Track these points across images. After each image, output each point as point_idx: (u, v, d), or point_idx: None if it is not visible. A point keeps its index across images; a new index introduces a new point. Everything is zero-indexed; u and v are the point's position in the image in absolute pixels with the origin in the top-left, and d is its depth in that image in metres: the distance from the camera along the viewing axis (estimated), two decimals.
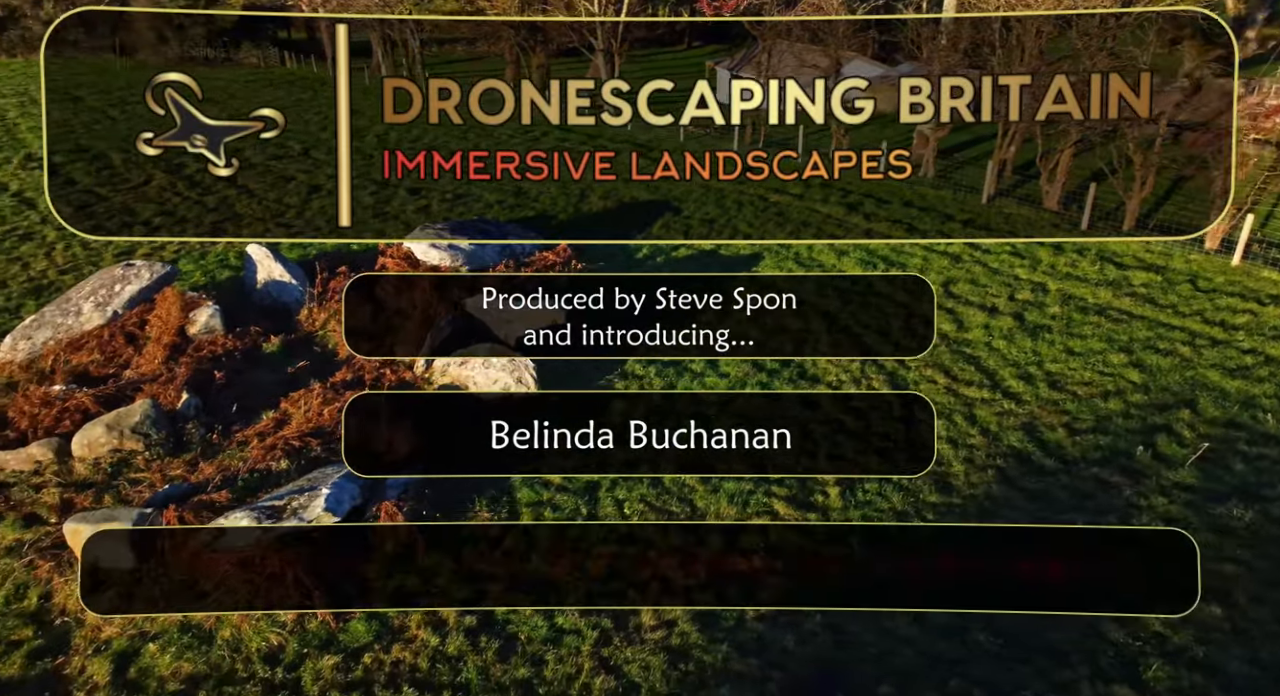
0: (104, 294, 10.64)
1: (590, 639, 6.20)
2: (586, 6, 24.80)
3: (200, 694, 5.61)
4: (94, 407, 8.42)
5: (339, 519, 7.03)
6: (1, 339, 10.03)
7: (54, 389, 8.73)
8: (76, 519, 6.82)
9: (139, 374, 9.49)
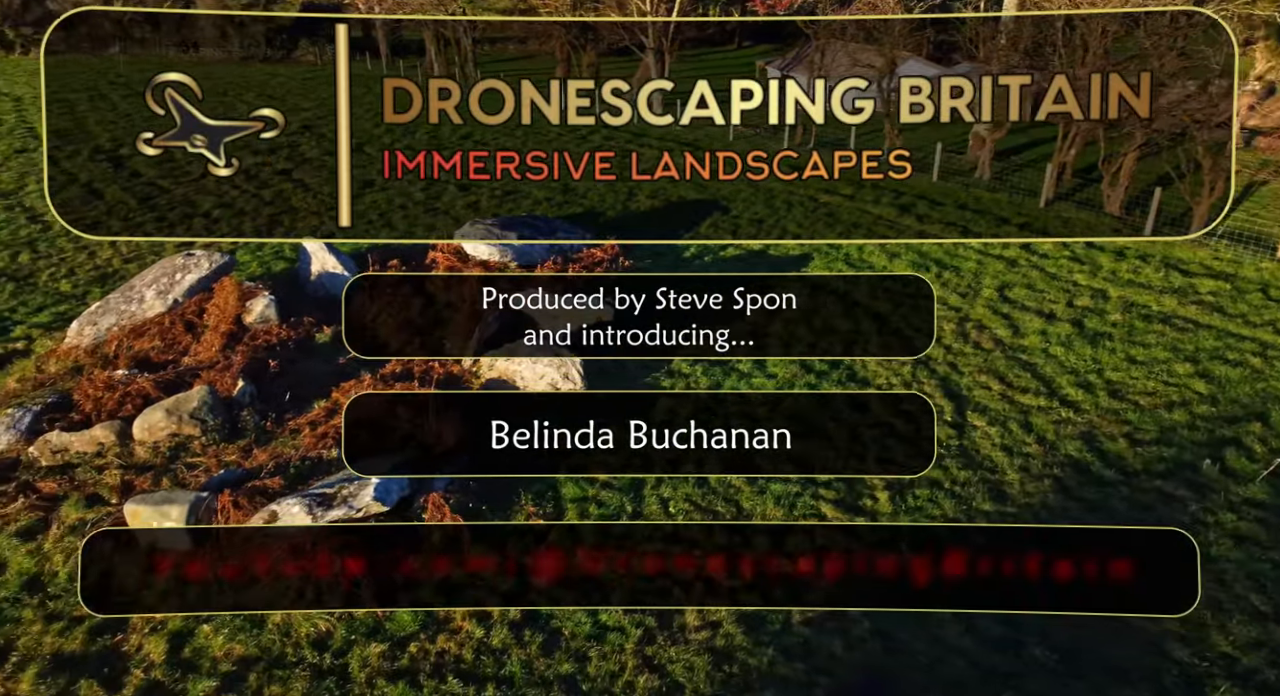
0: (165, 282, 10.91)
1: (634, 637, 6.16)
2: (639, 5, 24.80)
3: (251, 676, 5.70)
4: (154, 393, 8.62)
5: (388, 508, 7.10)
6: (69, 324, 10.35)
7: (117, 373, 8.96)
8: (136, 500, 6.99)
9: (197, 361, 9.70)
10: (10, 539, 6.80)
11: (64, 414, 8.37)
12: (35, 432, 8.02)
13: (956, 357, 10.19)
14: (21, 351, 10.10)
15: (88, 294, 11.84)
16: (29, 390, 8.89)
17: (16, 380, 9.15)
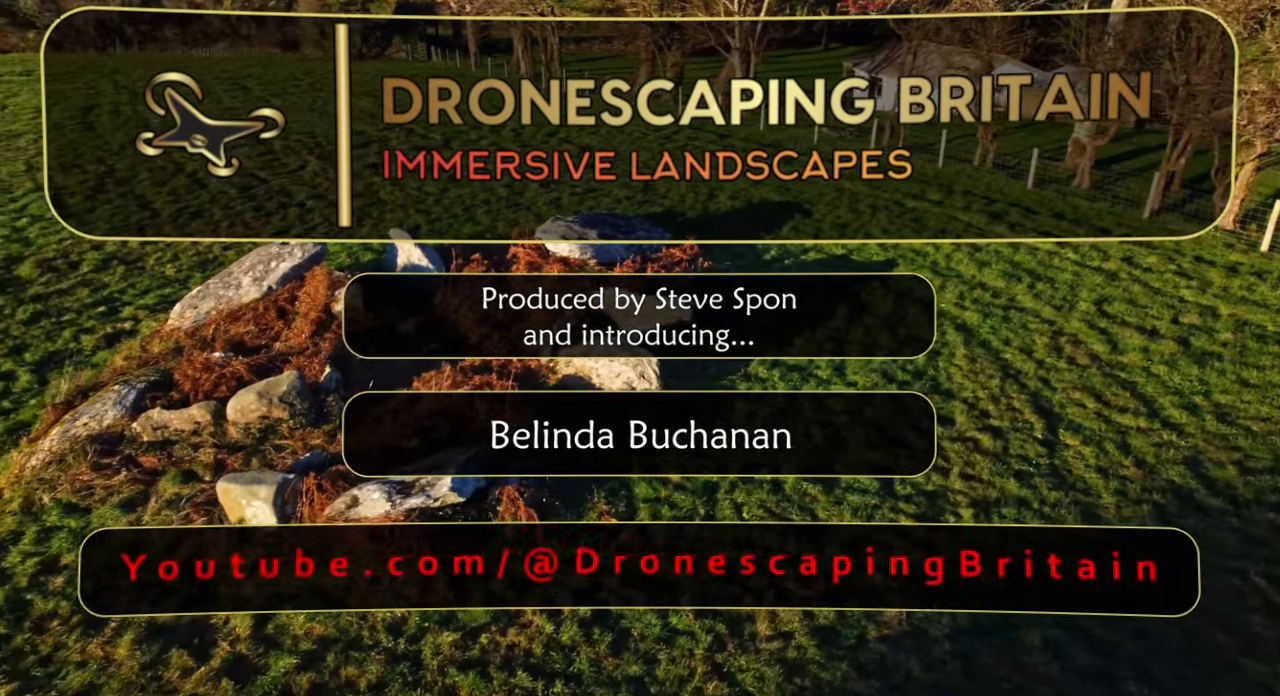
0: (260, 270, 11.32)
1: (704, 642, 6.07)
2: (726, 5, 24.64)
3: (329, 655, 5.84)
4: (247, 376, 8.94)
5: (464, 499, 7.19)
6: (172, 307, 10.85)
7: (214, 356, 9.34)
8: (227, 479, 7.25)
9: (287, 346, 10.03)
10: (113, 509, 7.15)
11: (165, 392, 8.76)
12: (139, 409, 8.42)
13: (1049, 373, 9.75)
14: (129, 331, 10.64)
15: (190, 278, 12.39)
16: (134, 368, 9.34)
17: (123, 358, 9.64)
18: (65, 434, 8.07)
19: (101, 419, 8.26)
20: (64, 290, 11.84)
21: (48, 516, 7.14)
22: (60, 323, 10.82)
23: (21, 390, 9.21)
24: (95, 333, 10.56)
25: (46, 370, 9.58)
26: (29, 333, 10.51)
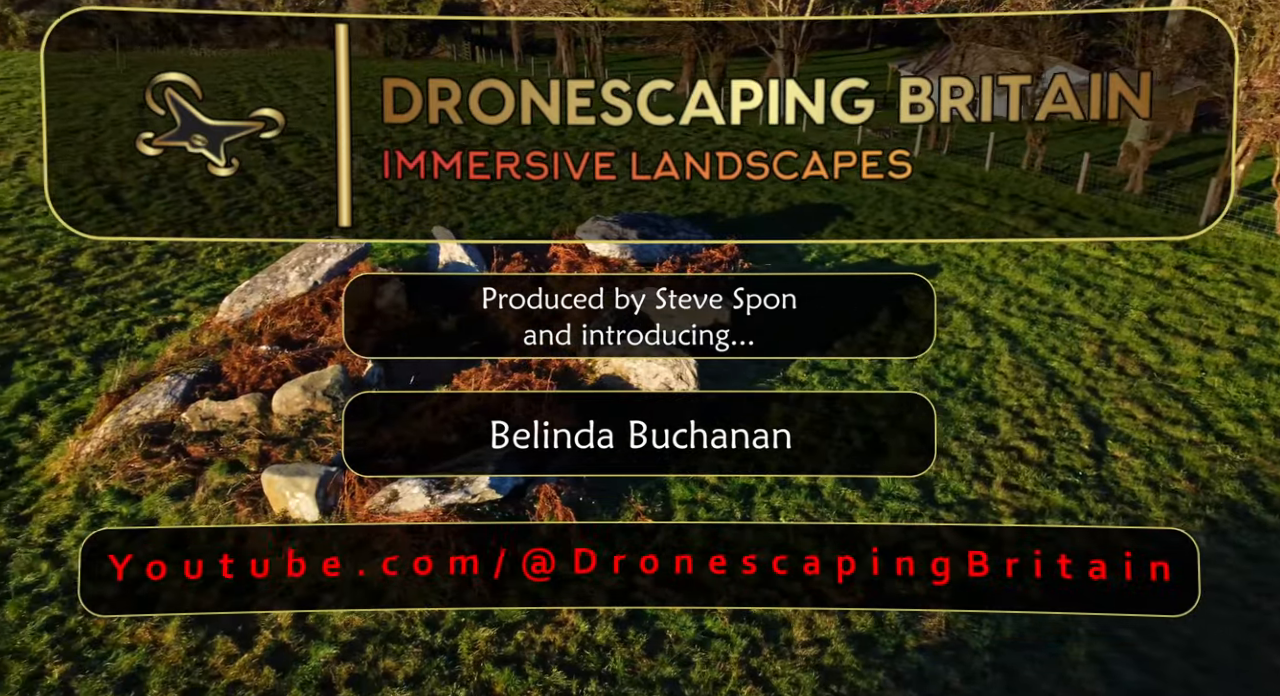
0: (307, 265, 11.52)
1: (739, 646, 6.04)
2: (771, 5, 24.49)
3: (368, 647, 5.92)
4: (293, 369, 9.11)
5: (502, 496, 7.24)
6: (221, 300, 11.10)
7: (261, 349, 9.53)
8: (272, 470, 7.40)
9: (331, 341, 10.19)
10: (162, 497, 7.33)
11: (213, 383, 8.96)
12: (188, 399, 8.62)
13: (1097, 382, 9.53)
14: (179, 323, 10.91)
15: (238, 272, 12.66)
16: (184, 359, 9.57)
17: (174, 349, 9.88)
18: (118, 422, 8.29)
19: (153, 408, 8.47)
20: (119, 282, 12.17)
21: (100, 502, 7.34)
22: (115, 314, 11.13)
23: (78, 378, 9.49)
24: (148, 324, 10.84)
25: (101, 360, 9.86)
26: (85, 323, 10.82)
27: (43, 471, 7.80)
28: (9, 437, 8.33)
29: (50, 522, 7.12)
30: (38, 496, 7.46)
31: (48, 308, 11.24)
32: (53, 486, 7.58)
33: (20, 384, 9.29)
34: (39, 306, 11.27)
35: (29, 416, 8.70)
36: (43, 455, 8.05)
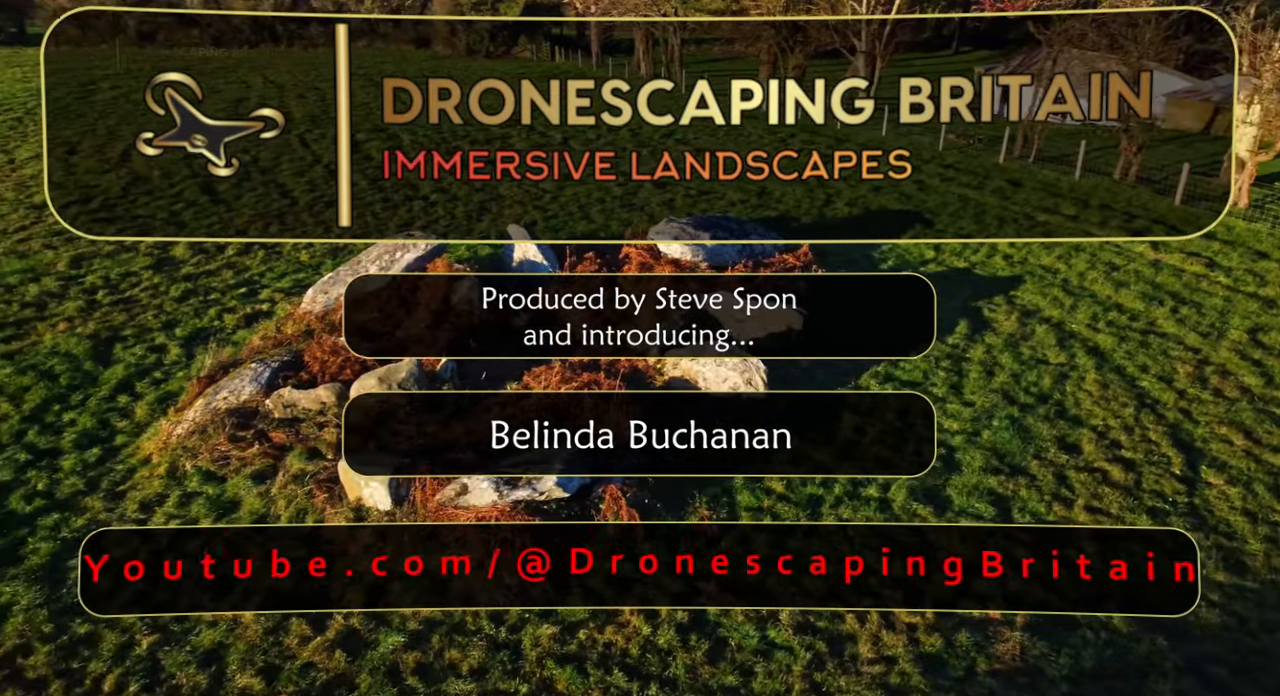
0: (386, 259, 11.83)
1: (803, 659, 5.95)
2: (854, 6, 24.04)
3: (435, 637, 6.04)
4: (370, 361, 9.37)
5: (568, 495, 7.29)
6: (305, 291, 11.48)
7: (341, 340, 9.82)
8: (349, 458, 7.60)
9: (407, 334, 10.44)
10: (246, 480, 7.63)
11: (295, 372, 9.27)
12: (272, 387, 8.95)
13: (1191, 404, 9.07)
14: (265, 312, 11.34)
15: (322, 265, 13.09)
16: (269, 348, 9.94)
17: (260, 337, 10.28)
18: (207, 406, 8.66)
19: (239, 394, 8.82)
20: (211, 271, 12.72)
21: (189, 482, 7.68)
22: (207, 301, 11.64)
23: (171, 362, 9.96)
24: (237, 312, 11.30)
25: (193, 345, 10.32)
26: (180, 309, 11.35)
27: (137, 450, 8.21)
28: (108, 417, 8.80)
29: (143, 499, 7.48)
30: (132, 474, 7.85)
31: (146, 293, 11.83)
32: (146, 465, 7.97)
33: (120, 366, 9.79)
34: (139, 292, 11.87)
35: (126, 397, 9.17)
36: (138, 435, 8.48)
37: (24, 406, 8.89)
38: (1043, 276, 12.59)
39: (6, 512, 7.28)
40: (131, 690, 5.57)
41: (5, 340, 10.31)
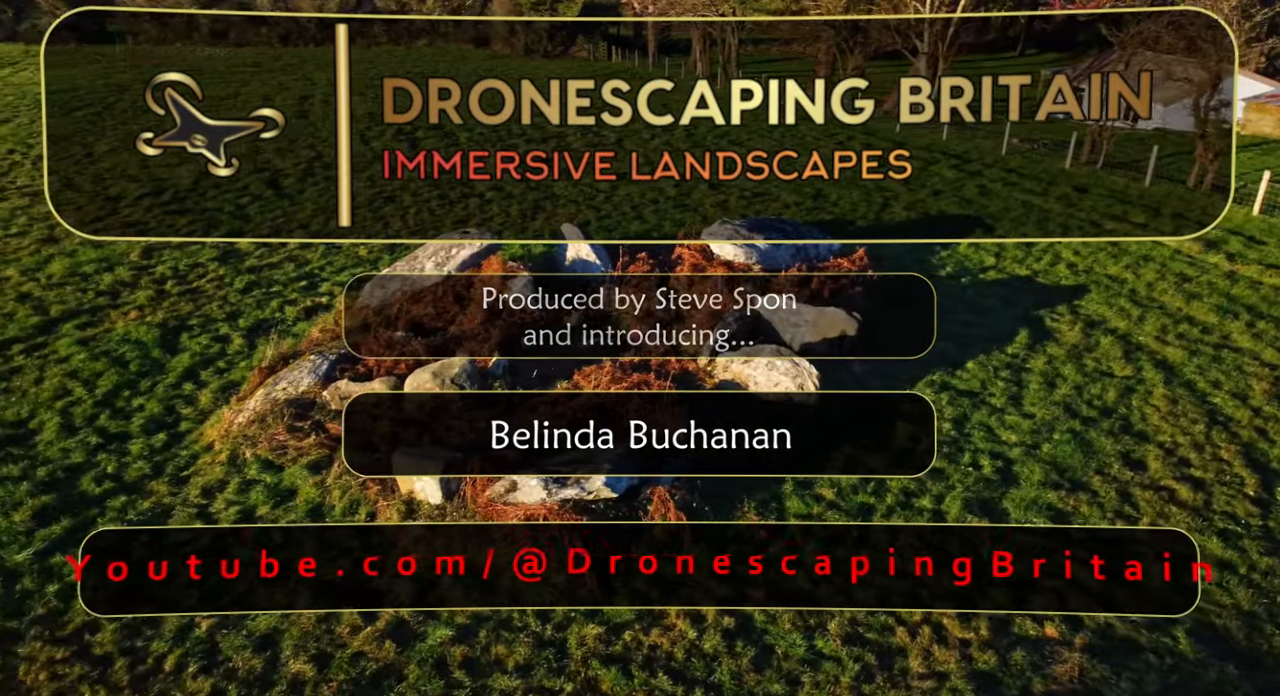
0: (442, 255, 11.99)
1: (851, 671, 5.85)
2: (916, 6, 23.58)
3: (482, 632, 6.09)
4: (424, 355, 9.51)
5: (617, 495, 7.29)
6: (363, 285, 11.71)
7: (396, 334, 9.99)
8: (401, 452, 7.73)
9: (461, 330, 10.56)
10: (303, 469, 7.81)
11: (352, 365, 9.46)
12: (329, 378, 9.14)
13: (1267, 423, 8.68)
14: (325, 305, 11.60)
15: (379, 260, 13.34)
16: (328, 340, 10.16)
17: (319, 330, 10.51)
18: (267, 396, 8.88)
19: (298, 385, 9.03)
20: (274, 264, 13.06)
21: (248, 469, 7.89)
22: (269, 293, 11.95)
23: (234, 352, 10.24)
24: (297, 305, 11.58)
25: (255, 336, 10.61)
26: (243, 300, 11.67)
27: (201, 437, 8.46)
28: (174, 403, 9.09)
29: (205, 485, 7.71)
30: (195, 460, 8.10)
31: (212, 284, 12.20)
32: (208, 451, 8.21)
33: (185, 354, 10.11)
34: (205, 283, 12.24)
35: (191, 385, 9.46)
36: (201, 422, 8.74)
37: (96, 391, 9.23)
38: (1109, 286, 12.19)
39: (78, 493, 7.57)
40: (190, 670, 5.73)
41: (81, 327, 10.73)
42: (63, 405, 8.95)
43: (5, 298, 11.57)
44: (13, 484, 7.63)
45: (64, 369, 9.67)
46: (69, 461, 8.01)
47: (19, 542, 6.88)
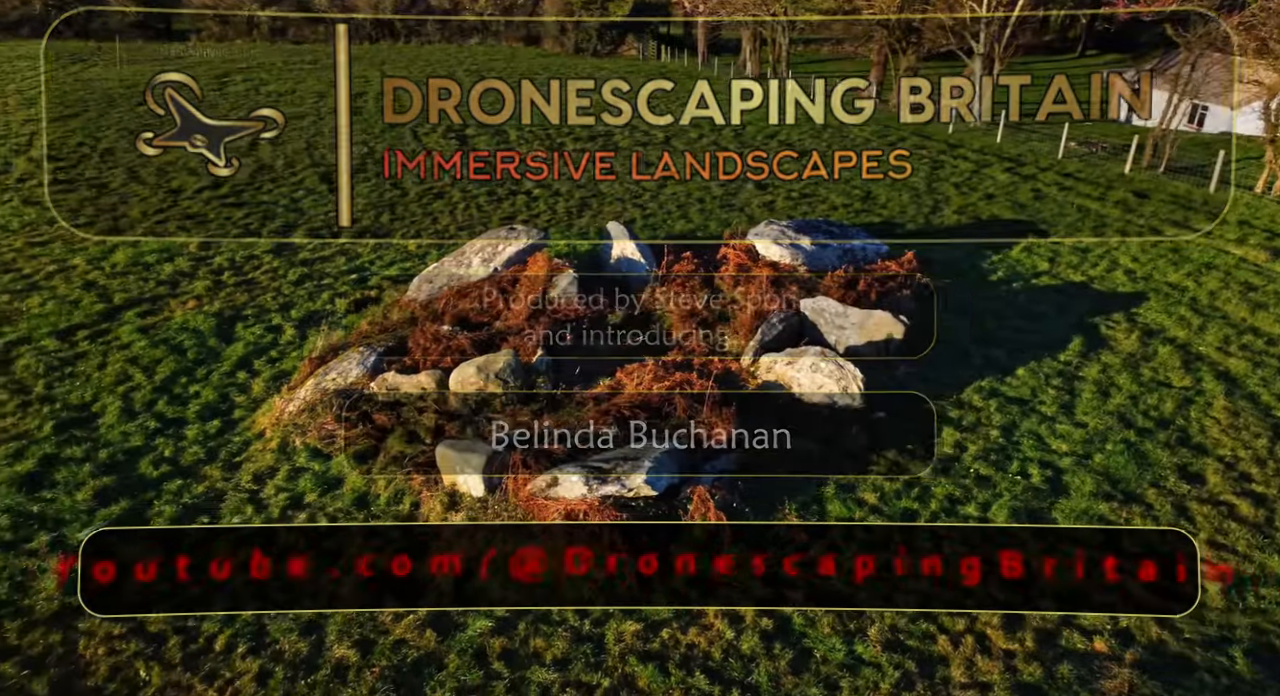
0: (489, 251, 12.11)
1: (891, 677, 5.77)
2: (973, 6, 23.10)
3: (521, 624, 6.15)
4: (470, 350, 9.61)
5: (657, 493, 7.28)
6: (411, 279, 11.89)
7: (443, 328, 10.11)
8: (445, 444, 7.83)
9: (506, 326, 10.66)
10: (349, 459, 7.96)
11: (399, 358, 9.61)
12: (377, 370, 9.31)
13: None
14: (373, 299, 11.80)
15: (427, 255, 13.52)
16: (376, 333, 10.34)
17: (368, 322, 10.70)
18: (317, 385, 9.07)
19: (346, 376, 9.20)
20: (326, 257, 13.33)
21: (298, 457, 8.07)
22: (320, 286, 12.20)
23: (286, 342, 10.48)
24: (347, 297, 11.80)
25: (307, 327, 10.84)
26: (296, 292, 11.93)
27: (253, 424, 8.68)
28: (228, 391, 9.34)
29: (256, 471, 7.91)
30: (247, 446, 8.31)
31: (267, 276, 12.49)
32: (260, 439, 8.42)
33: (240, 343, 10.38)
34: (260, 274, 12.55)
35: (245, 374, 9.71)
36: (254, 410, 8.96)
37: (155, 377, 9.53)
38: (1169, 294, 11.83)
39: (137, 476, 7.82)
40: (240, 651, 5.88)
41: (142, 314, 11.09)
42: (123, 390, 9.26)
43: (72, 285, 12.00)
44: (76, 465, 7.91)
45: (125, 355, 10.01)
46: (128, 445, 8.28)
47: (80, 521, 7.14)
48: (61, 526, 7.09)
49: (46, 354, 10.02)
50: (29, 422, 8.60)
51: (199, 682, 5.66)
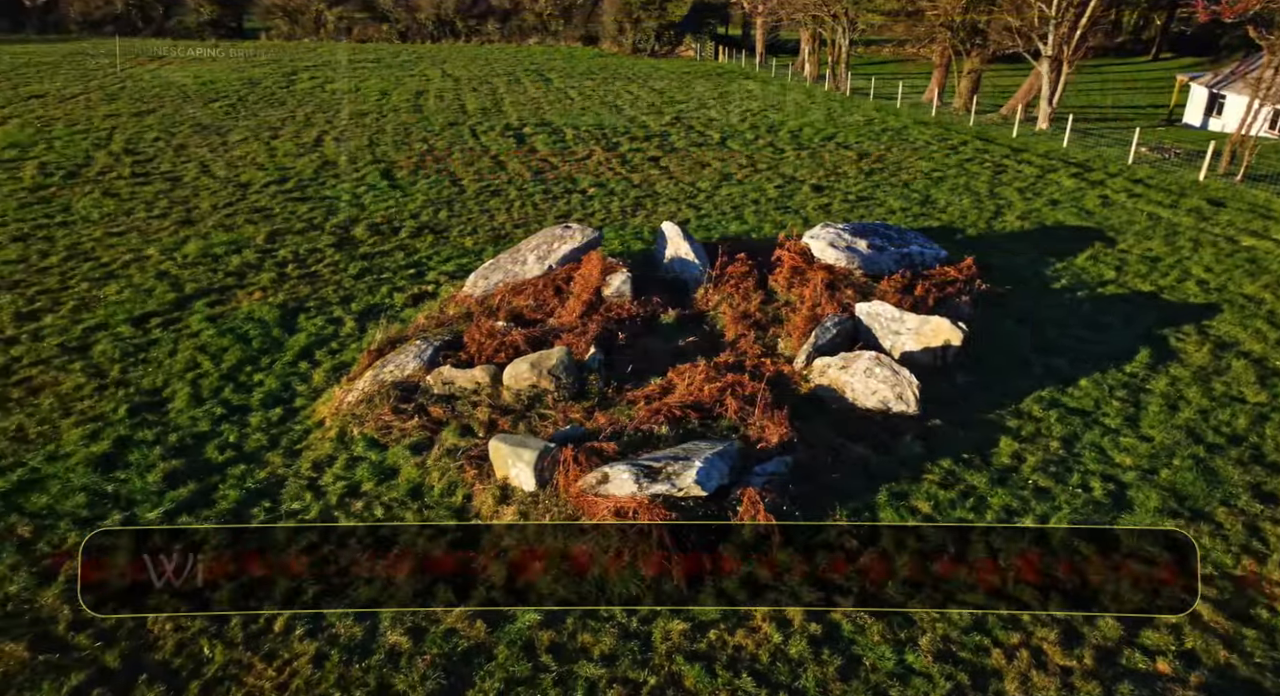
0: (544, 249, 12.23)
1: (942, 688, 5.67)
2: (1041, 7, 22.46)
3: (569, 619, 6.20)
4: (524, 346, 9.72)
5: (706, 493, 7.27)
6: (467, 275, 12.06)
7: (498, 324, 10.25)
8: (498, 438, 7.92)
9: (559, 323, 10.75)
10: (405, 450, 8.12)
11: (454, 352, 9.77)
12: (433, 364, 9.48)
13: None
14: (430, 293, 12.01)
15: (484, 251, 13.71)
16: (433, 327, 10.53)
17: (425, 316, 10.90)
18: (375, 377, 9.28)
19: (403, 368, 9.39)
20: (385, 252, 13.61)
21: (355, 447, 8.26)
22: (380, 280, 12.46)
23: (346, 334, 10.74)
24: (405, 291, 12.03)
25: (366, 320, 11.09)
26: (356, 286, 12.21)
27: (313, 413, 8.92)
28: (290, 381, 9.61)
29: (315, 459, 8.12)
30: (307, 435, 8.54)
31: (329, 269, 12.81)
32: (320, 428, 8.64)
33: (302, 334, 10.67)
34: (322, 268, 12.87)
35: (306, 364, 9.98)
36: (314, 399, 9.20)
37: (222, 365, 9.86)
38: (1244, 306, 11.37)
39: (203, 460, 8.10)
40: (298, 633, 6.05)
41: (211, 304, 11.47)
42: (192, 377, 9.59)
43: (146, 274, 12.47)
44: (147, 447, 8.23)
45: (194, 343, 10.37)
46: (196, 429, 8.58)
47: (150, 502, 7.42)
48: (134, 506, 7.38)
49: (122, 340, 10.43)
50: (105, 405, 8.97)
51: (259, 661, 5.83)
